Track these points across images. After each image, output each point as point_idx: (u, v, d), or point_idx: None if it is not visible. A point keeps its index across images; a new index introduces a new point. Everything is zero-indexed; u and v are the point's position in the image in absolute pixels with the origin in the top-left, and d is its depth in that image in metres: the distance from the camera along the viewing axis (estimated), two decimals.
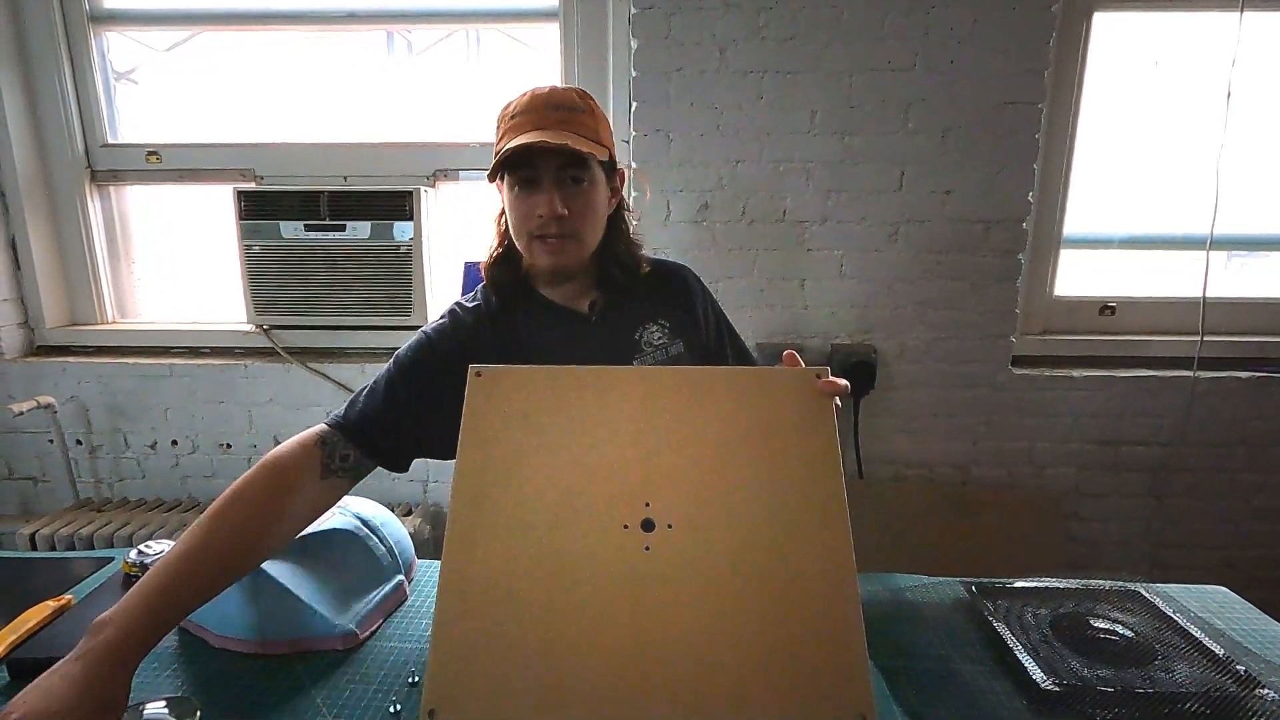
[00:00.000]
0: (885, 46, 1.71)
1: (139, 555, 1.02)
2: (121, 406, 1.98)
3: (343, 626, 0.88)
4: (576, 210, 0.92)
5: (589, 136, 0.91)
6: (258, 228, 1.88)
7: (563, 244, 0.93)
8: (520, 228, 0.94)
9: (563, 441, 0.74)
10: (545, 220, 0.90)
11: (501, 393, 0.77)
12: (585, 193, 0.93)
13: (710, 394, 0.77)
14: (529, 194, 0.91)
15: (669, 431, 0.75)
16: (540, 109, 0.91)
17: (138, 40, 2.04)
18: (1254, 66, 1.79)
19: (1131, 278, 2.02)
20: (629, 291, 1.03)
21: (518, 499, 0.72)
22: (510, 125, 0.92)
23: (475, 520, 0.71)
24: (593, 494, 0.72)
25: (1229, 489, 1.94)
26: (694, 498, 0.72)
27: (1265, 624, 0.97)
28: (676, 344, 1.03)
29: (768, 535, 0.71)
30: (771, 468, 0.73)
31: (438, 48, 2.09)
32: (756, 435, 0.75)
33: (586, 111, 0.93)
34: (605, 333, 1.01)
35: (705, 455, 0.74)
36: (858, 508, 2.02)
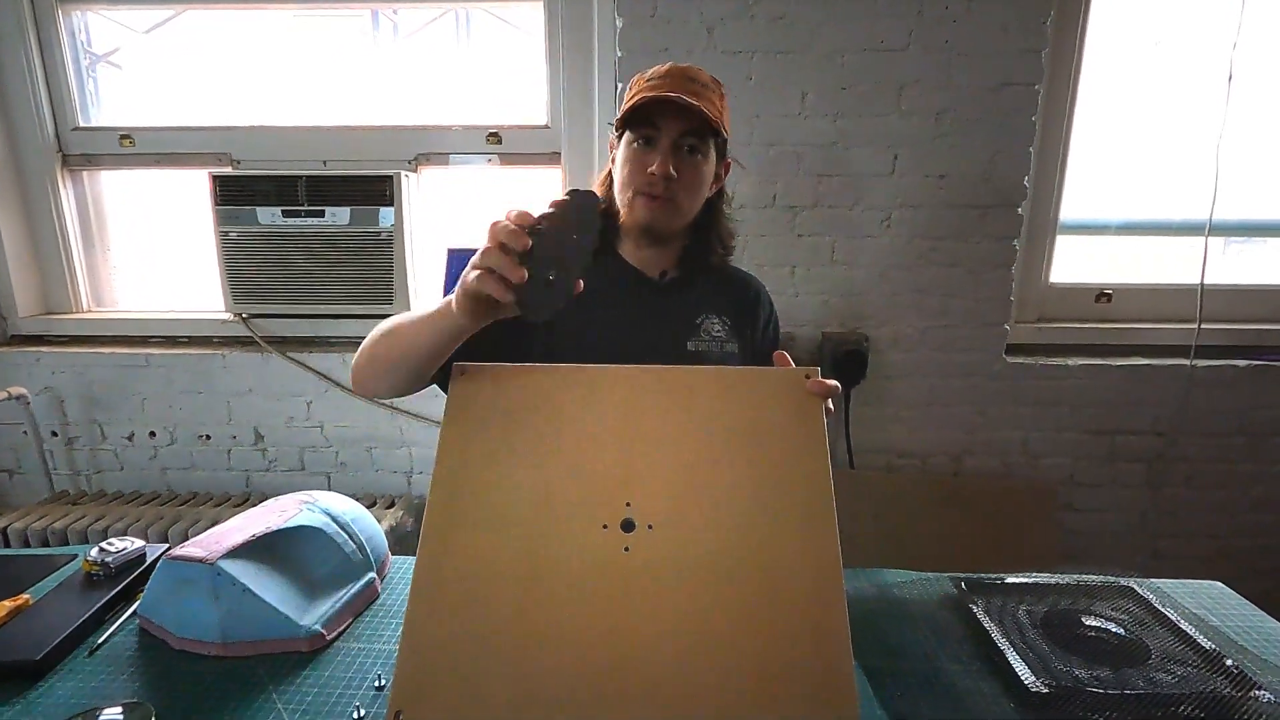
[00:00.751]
0: (878, 26, 1.66)
1: (100, 553, 0.98)
2: (98, 397, 1.94)
3: (308, 627, 0.84)
4: (685, 177, 0.97)
5: (714, 114, 0.96)
6: (234, 214, 1.83)
7: (663, 204, 0.97)
8: (629, 181, 0.98)
9: (544, 440, 0.73)
10: (655, 179, 0.95)
11: (485, 391, 0.76)
12: (697, 163, 0.98)
13: (697, 394, 0.75)
14: (646, 151, 0.97)
15: (653, 431, 0.73)
16: (678, 78, 0.96)
17: (118, 21, 1.98)
18: (1256, 48, 1.75)
19: (1128, 264, 1.98)
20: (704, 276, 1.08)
21: (496, 498, 0.71)
22: (645, 86, 0.97)
23: (451, 519, 0.70)
24: (572, 493, 0.70)
25: (1227, 479, 1.91)
26: (676, 498, 0.70)
27: (1261, 620, 0.94)
28: (732, 343, 1.07)
29: (752, 536, 0.69)
30: (758, 468, 0.72)
31: (425, 32, 2.03)
32: (743, 435, 0.73)
33: (716, 92, 0.99)
34: (669, 305, 1.05)
35: (689, 455, 0.72)
36: (849, 499, 2.00)
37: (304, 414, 1.93)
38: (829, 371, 1.81)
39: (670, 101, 0.92)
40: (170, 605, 0.85)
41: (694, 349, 1.04)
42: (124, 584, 0.95)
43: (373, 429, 1.94)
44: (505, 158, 1.93)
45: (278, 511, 0.95)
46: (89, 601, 0.91)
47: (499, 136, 1.91)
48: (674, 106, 0.93)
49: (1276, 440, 1.89)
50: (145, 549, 1.02)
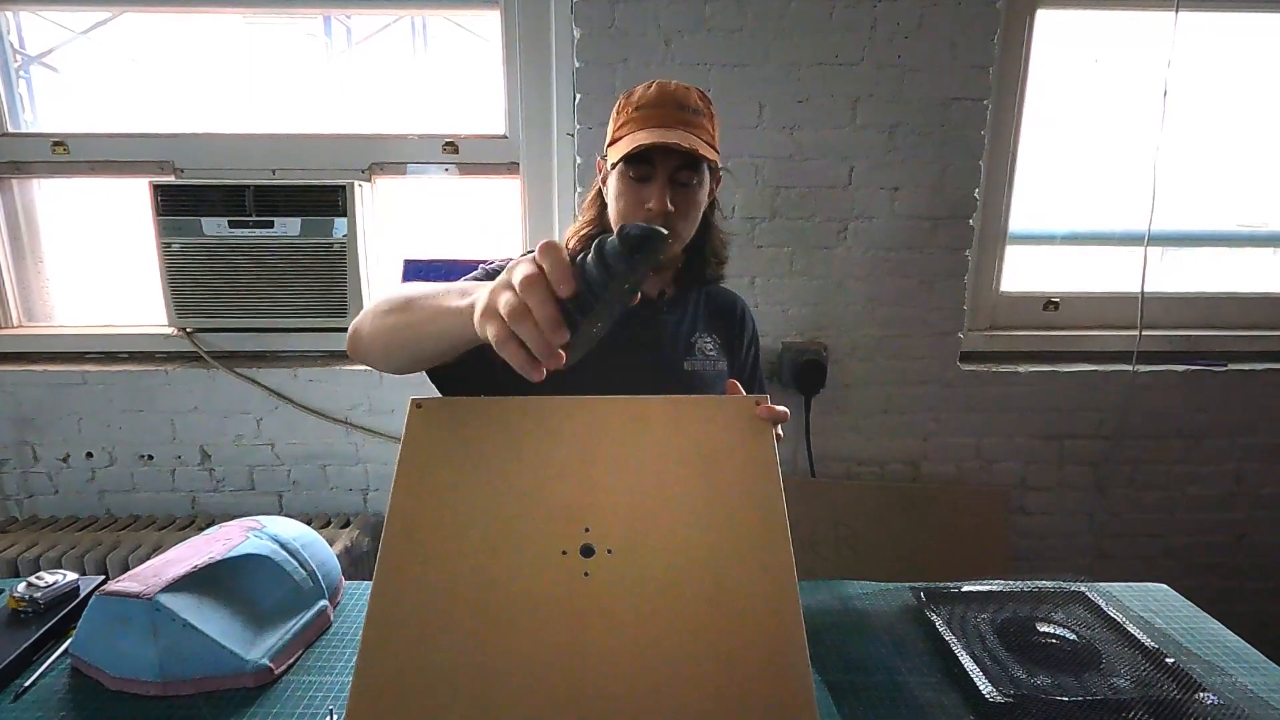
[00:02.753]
0: (833, 40, 1.69)
1: (28, 588, 0.93)
2: (29, 417, 1.84)
3: (254, 662, 0.81)
4: (682, 209, 0.96)
5: (706, 140, 0.96)
6: (177, 224, 1.76)
7: None
8: (625, 215, 0.98)
9: (501, 470, 0.73)
10: (653, 215, 0.94)
11: (441, 423, 0.77)
12: (693, 192, 0.97)
13: (652, 422, 0.77)
14: (640, 186, 0.96)
15: (610, 459, 0.74)
16: (669, 106, 0.94)
17: (53, 21, 1.89)
18: (1189, 65, 1.83)
19: (1074, 273, 2.05)
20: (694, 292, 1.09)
21: (453, 527, 0.70)
22: (634, 116, 0.96)
23: (408, 549, 0.69)
24: (531, 520, 0.70)
25: (1166, 480, 1.99)
26: (634, 522, 0.71)
27: (1204, 621, 0.98)
28: (722, 361, 1.08)
29: (709, 559, 0.69)
30: (712, 493, 0.73)
31: (378, 38, 2.00)
32: (698, 461, 0.75)
33: (707, 115, 0.98)
34: (665, 325, 1.06)
35: (646, 481, 0.73)
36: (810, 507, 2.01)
37: (253, 431, 1.87)
38: (790, 380, 1.83)
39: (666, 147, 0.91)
40: (105, 643, 0.81)
41: (690, 368, 1.05)
42: (54, 621, 0.90)
43: (326, 446, 1.88)
44: (463, 167, 1.90)
45: (221, 540, 0.91)
46: (15, 641, 0.86)
47: (456, 146, 1.88)
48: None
49: (1211, 442, 1.97)
50: (78, 582, 0.97)
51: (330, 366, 1.86)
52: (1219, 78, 1.94)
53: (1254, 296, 2.03)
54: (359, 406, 1.86)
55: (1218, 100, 1.95)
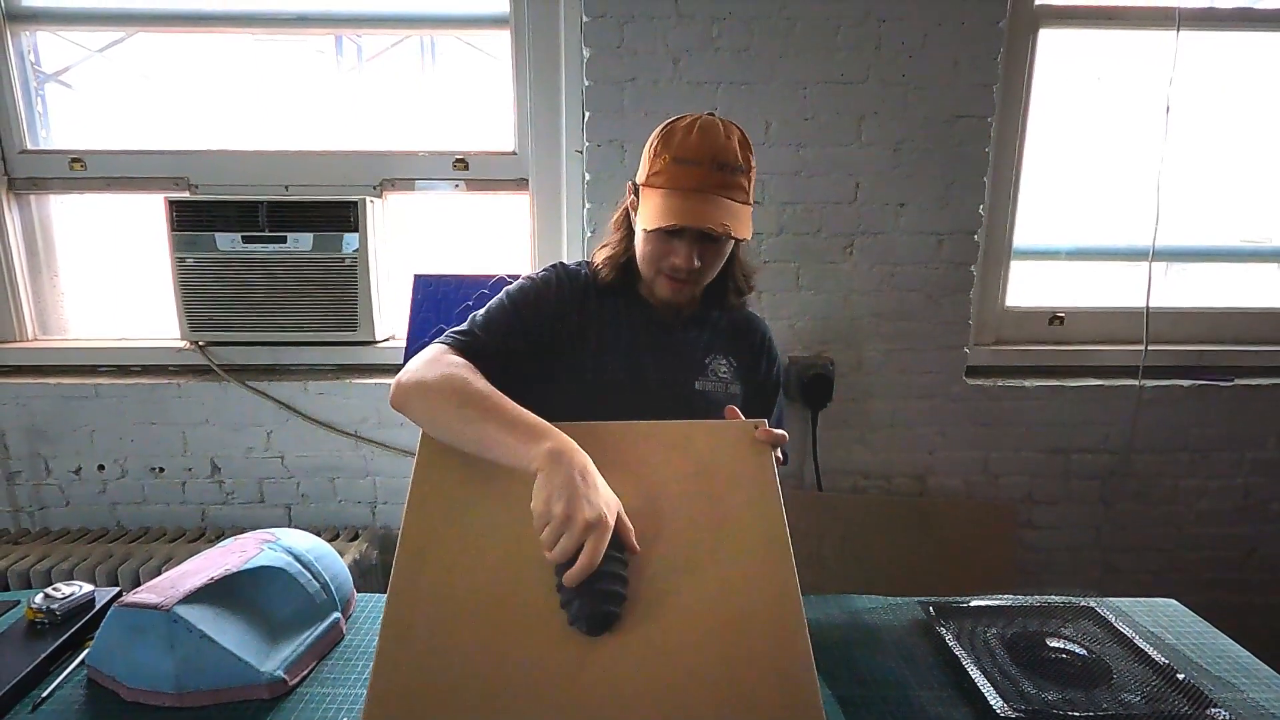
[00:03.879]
0: (838, 59, 1.72)
1: (45, 599, 0.94)
2: (42, 429, 1.86)
3: (269, 673, 0.82)
4: (708, 264, 0.97)
5: (742, 200, 0.95)
6: (191, 239, 1.79)
7: (685, 287, 0.99)
8: (650, 261, 0.98)
9: (512, 488, 0.75)
10: (678, 269, 0.95)
11: (452, 463, 0.79)
12: (720, 248, 0.97)
13: (655, 446, 0.80)
14: (669, 238, 0.95)
15: (617, 479, 0.75)
16: (707, 165, 0.92)
17: (70, 40, 1.93)
18: (1191, 83, 1.85)
19: (1079, 288, 2.06)
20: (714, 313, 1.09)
21: (464, 546, 0.72)
22: (671, 168, 0.93)
23: (421, 565, 0.71)
24: (536, 548, 0.71)
25: (1173, 494, 1.98)
26: (640, 538, 0.72)
27: (1214, 637, 0.97)
28: (736, 384, 1.08)
29: (715, 575, 0.71)
30: (715, 513, 0.75)
31: (388, 55, 2.03)
32: (700, 484, 0.78)
33: (745, 172, 0.95)
34: (681, 344, 1.07)
35: (651, 500, 0.76)
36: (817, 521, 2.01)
37: (263, 444, 1.88)
38: (797, 395, 1.84)
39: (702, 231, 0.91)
40: (122, 654, 0.82)
41: (701, 388, 1.05)
42: (71, 632, 0.91)
43: (336, 459, 1.89)
44: (472, 184, 1.92)
45: (237, 552, 0.92)
46: (33, 652, 0.87)
47: (466, 162, 1.91)
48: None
49: (1218, 456, 1.97)
50: (94, 594, 0.98)
51: (340, 380, 1.87)
52: (1221, 95, 1.96)
53: (1260, 311, 2.03)
54: (368, 420, 1.88)
55: (1220, 117, 1.97)
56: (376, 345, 1.90)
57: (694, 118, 0.95)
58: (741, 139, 0.96)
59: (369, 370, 1.92)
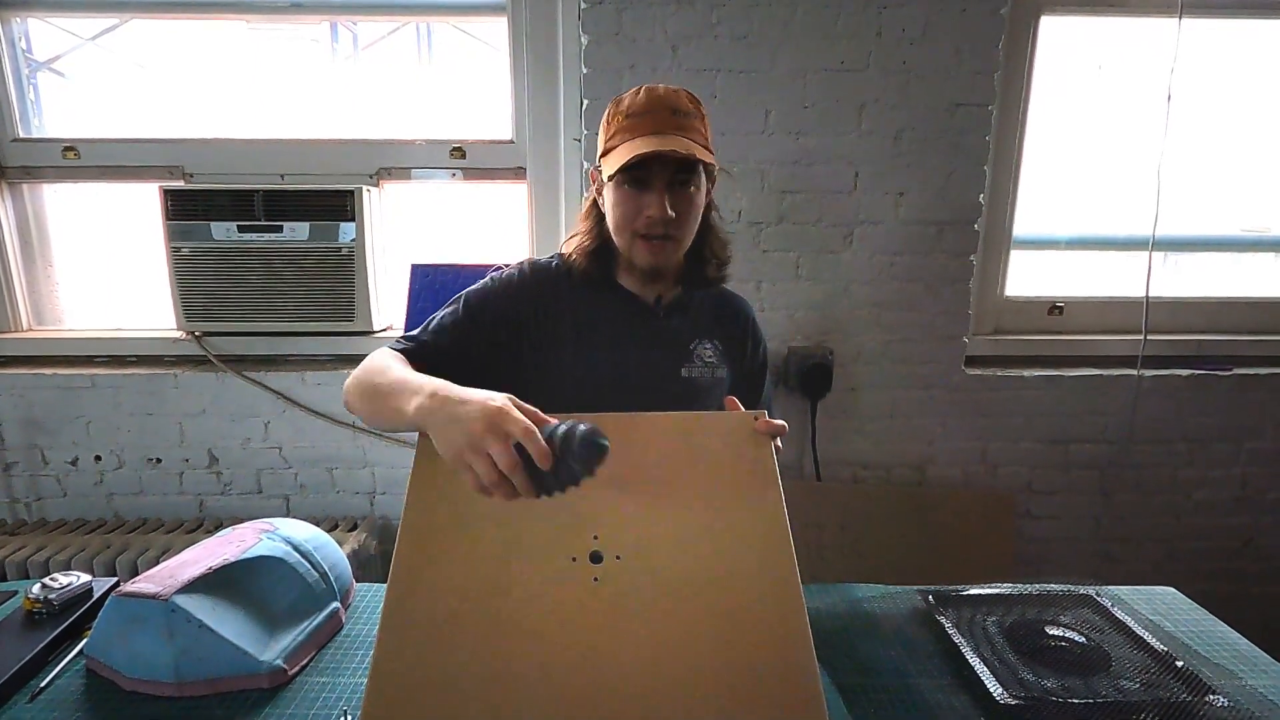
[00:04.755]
0: (838, 46, 1.70)
1: (43, 589, 0.93)
2: (38, 420, 1.85)
3: (268, 663, 0.81)
4: (682, 213, 0.96)
5: (700, 143, 0.95)
6: (187, 229, 1.77)
7: (664, 245, 0.97)
8: (624, 224, 0.97)
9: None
10: (654, 221, 0.94)
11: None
12: (691, 196, 0.97)
13: (655, 437, 0.80)
14: (638, 193, 0.95)
15: (617, 471, 0.75)
16: (661, 111, 0.94)
17: (62, 28, 1.91)
18: (1193, 71, 1.84)
19: (1078, 278, 2.05)
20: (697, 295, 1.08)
21: (465, 536, 0.72)
22: (625, 125, 0.95)
23: (421, 554, 0.71)
24: (540, 529, 0.72)
25: (1171, 484, 1.99)
26: (641, 530, 0.73)
27: (1212, 625, 0.98)
28: (722, 368, 1.08)
29: (715, 565, 0.71)
30: (716, 503, 0.75)
31: (385, 43, 2.01)
32: (701, 473, 0.77)
33: (698, 117, 0.97)
34: (664, 330, 1.05)
35: (651, 491, 0.76)
36: (817, 511, 2.01)
37: (261, 435, 1.87)
38: (796, 384, 1.84)
39: (663, 156, 0.91)
40: (120, 644, 0.81)
41: (688, 375, 1.05)
42: (69, 622, 0.91)
43: (334, 449, 1.89)
44: (469, 173, 1.91)
45: (235, 541, 0.92)
46: (31, 642, 0.86)
47: (463, 151, 1.89)
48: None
49: (1216, 447, 1.97)
50: (92, 584, 0.98)
51: (338, 370, 1.87)
52: (1223, 83, 1.94)
53: (1259, 301, 2.03)
54: None
55: (1222, 106, 1.96)
56: (374, 335, 1.89)
57: (639, 86, 0.98)
58: (689, 94, 0.98)
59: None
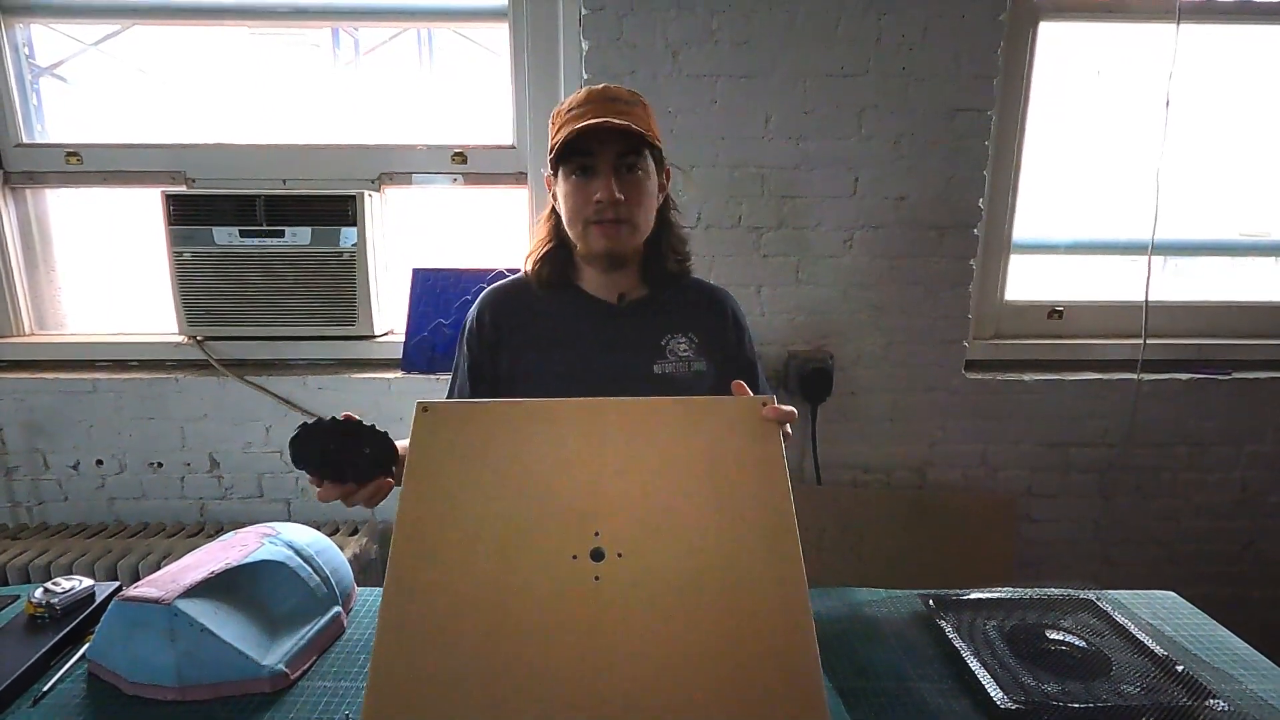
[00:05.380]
0: (838, 52, 1.71)
1: (45, 594, 0.94)
2: (40, 424, 1.85)
3: (270, 667, 0.82)
4: (632, 196, 0.96)
5: (641, 127, 0.96)
6: (189, 234, 1.78)
7: (618, 228, 0.97)
8: (576, 214, 0.98)
9: (509, 473, 0.74)
10: (603, 204, 0.95)
11: (448, 426, 0.77)
12: (640, 180, 0.98)
13: (659, 424, 0.77)
14: (586, 180, 0.96)
15: (617, 461, 0.74)
16: (597, 101, 0.97)
17: (65, 33, 1.92)
18: (1191, 77, 1.84)
19: (1078, 282, 2.06)
20: (666, 292, 1.08)
21: (463, 532, 0.71)
22: (568, 118, 0.97)
23: (418, 554, 0.69)
24: (540, 524, 0.71)
25: (1171, 488, 1.99)
26: (643, 524, 0.71)
27: (1212, 629, 0.98)
28: (700, 361, 1.06)
29: (719, 560, 0.70)
30: (721, 493, 0.73)
31: (386, 48, 2.02)
32: (705, 462, 0.75)
33: (639, 105, 0.99)
34: (631, 327, 1.05)
35: (654, 482, 0.73)
36: (817, 514, 2.01)
37: (262, 439, 1.88)
38: (796, 388, 1.84)
39: (601, 127, 0.92)
40: (123, 648, 0.82)
41: (661, 372, 1.04)
42: (71, 626, 0.91)
43: None
44: (471, 178, 1.92)
45: (237, 546, 0.92)
46: (33, 646, 0.87)
47: (464, 156, 1.90)
48: (605, 131, 0.93)
49: (1216, 450, 1.97)
50: (94, 588, 0.98)
51: (339, 374, 1.87)
52: (1221, 88, 1.95)
53: (1258, 305, 2.04)
54: (367, 414, 1.84)
55: (1220, 110, 1.96)
56: (375, 339, 1.89)
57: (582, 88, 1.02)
58: (629, 90, 1.01)
59: (368, 364, 1.92)
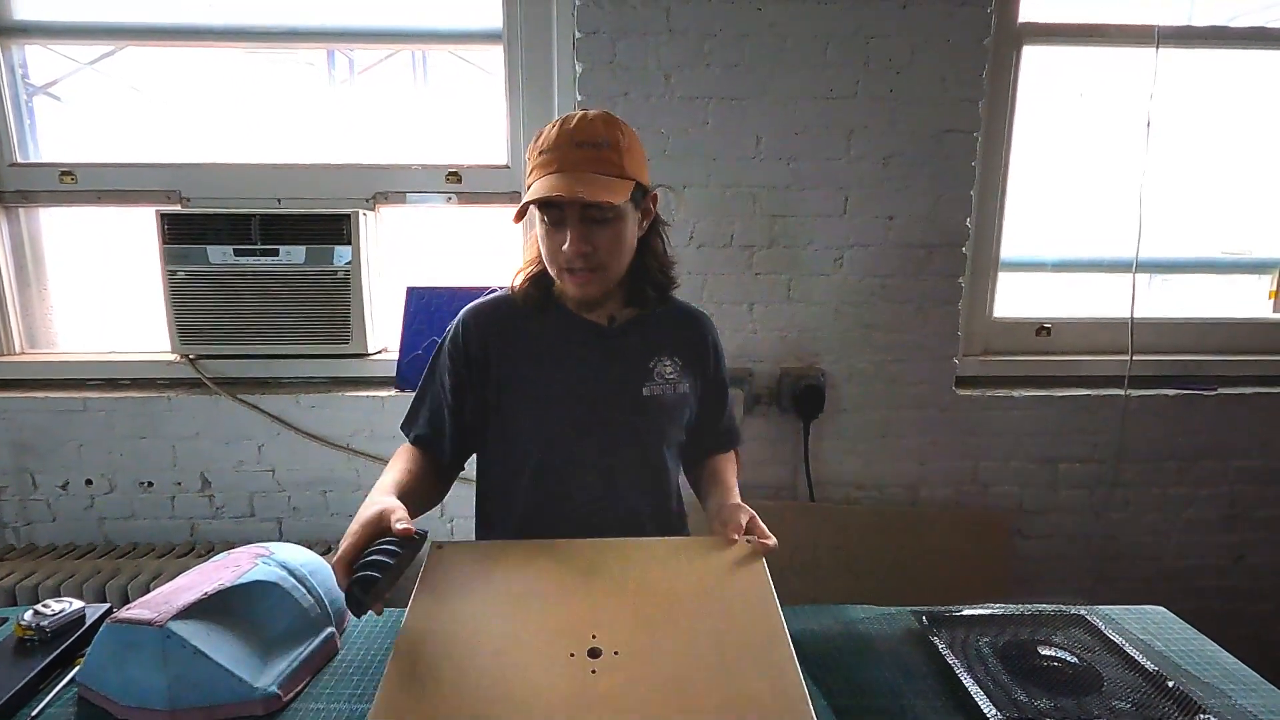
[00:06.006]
0: (827, 74, 1.74)
1: (35, 616, 0.93)
2: (29, 444, 1.84)
3: (263, 689, 0.81)
4: (602, 246, 0.95)
5: (614, 173, 0.93)
6: (183, 252, 1.78)
7: (590, 276, 0.97)
8: (550, 259, 0.99)
9: (512, 594, 0.80)
10: (570, 257, 0.94)
11: (459, 561, 0.86)
12: (610, 227, 0.95)
13: (653, 558, 0.85)
14: (556, 230, 0.95)
15: (615, 585, 0.80)
16: (566, 147, 0.93)
17: (60, 53, 1.93)
18: (1171, 99, 1.89)
19: (1065, 299, 2.09)
20: (652, 314, 1.09)
21: (464, 638, 0.75)
22: (538, 162, 0.95)
23: (417, 658, 0.73)
24: (539, 630, 0.75)
25: (1160, 503, 2.01)
26: (639, 629, 0.75)
27: (1201, 643, 0.99)
28: (684, 383, 1.09)
29: (714, 662, 0.72)
30: (714, 610, 0.79)
31: (381, 67, 2.04)
32: (698, 586, 0.82)
33: (612, 146, 0.94)
34: (621, 349, 1.06)
35: (650, 599, 0.79)
36: (810, 532, 2.02)
37: (255, 458, 1.87)
38: (789, 405, 1.85)
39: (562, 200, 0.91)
40: (114, 671, 0.81)
41: (649, 393, 1.05)
42: (61, 649, 0.90)
43: (327, 472, 1.88)
44: (465, 197, 1.93)
45: (230, 566, 0.92)
46: (22, 669, 0.86)
47: (459, 175, 1.92)
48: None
49: (1204, 465, 1.99)
50: (84, 610, 0.97)
51: (333, 393, 1.87)
52: (1200, 110, 2.00)
53: (1241, 321, 2.07)
54: (361, 432, 1.87)
55: (1200, 131, 2.01)
56: (369, 358, 1.90)
57: (557, 119, 0.97)
58: (607, 118, 0.95)
59: (362, 383, 1.92)
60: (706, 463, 1.17)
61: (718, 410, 1.16)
